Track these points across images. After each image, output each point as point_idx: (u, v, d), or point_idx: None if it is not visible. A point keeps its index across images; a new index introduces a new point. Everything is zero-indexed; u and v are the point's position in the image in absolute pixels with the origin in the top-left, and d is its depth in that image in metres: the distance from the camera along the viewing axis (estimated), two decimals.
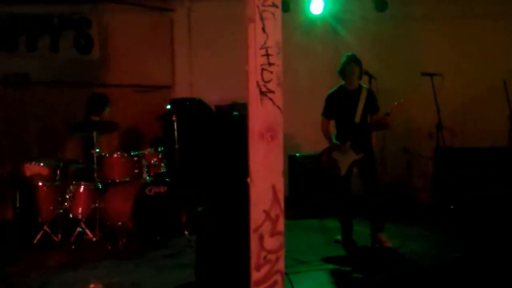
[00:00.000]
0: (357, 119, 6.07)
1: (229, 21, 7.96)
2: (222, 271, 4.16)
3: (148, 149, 6.79)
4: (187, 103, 7.56)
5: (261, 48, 3.56)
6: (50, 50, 7.80)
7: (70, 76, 8.00)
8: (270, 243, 3.61)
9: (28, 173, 6.56)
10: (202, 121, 7.19)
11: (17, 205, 6.32)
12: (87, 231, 6.22)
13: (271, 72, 3.60)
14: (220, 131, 5.30)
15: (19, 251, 5.99)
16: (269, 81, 3.58)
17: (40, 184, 6.36)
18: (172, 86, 8.73)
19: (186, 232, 6.37)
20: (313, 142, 7.38)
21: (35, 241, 6.17)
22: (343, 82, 6.29)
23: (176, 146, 6.59)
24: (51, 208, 6.30)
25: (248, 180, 3.58)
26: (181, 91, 8.55)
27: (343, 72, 6.20)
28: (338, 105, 6.24)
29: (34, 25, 7.68)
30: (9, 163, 7.34)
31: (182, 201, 6.54)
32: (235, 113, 6.60)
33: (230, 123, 5.40)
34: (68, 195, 6.36)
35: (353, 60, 6.14)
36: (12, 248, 6.09)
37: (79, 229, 6.22)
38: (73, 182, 6.51)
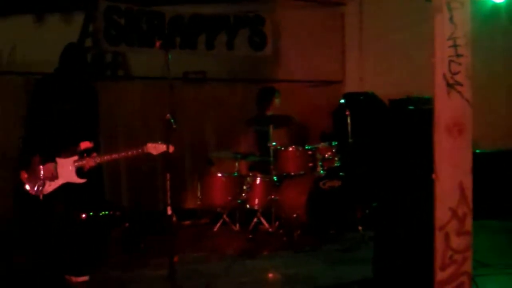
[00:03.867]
0: None
1: (402, 13, 7.80)
2: (402, 269, 4.07)
3: (322, 143, 6.81)
4: (361, 97, 7.52)
5: (449, 39, 3.48)
6: (226, 48, 8.13)
7: (244, 73, 8.32)
8: (457, 242, 3.52)
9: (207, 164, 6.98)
10: (376, 115, 7.08)
11: (198, 194, 6.71)
12: (264, 222, 6.41)
13: (460, 64, 3.50)
14: (397, 126, 5.17)
15: (200, 238, 6.34)
16: (457, 73, 3.49)
17: (220, 175, 6.69)
18: (343, 80, 8.69)
19: (360, 228, 6.33)
20: (492, 139, 6.99)
21: (215, 229, 6.51)
22: None
23: (350, 140, 6.57)
24: (229, 198, 6.58)
25: (433, 176, 3.49)
26: (351, 86, 8.46)
27: None
28: None
29: (213, 25, 8.05)
30: (188, 156, 7.80)
31: (356, 196, 6.49)
32: (411, 107, 6.42)
33: (407, 117, 5.24)
34: (246, 186, 6.59)
35: None
36: (193, 235, 6.48)
37: (255, 219, 6.43)
38: (250, 174, 6.76)
